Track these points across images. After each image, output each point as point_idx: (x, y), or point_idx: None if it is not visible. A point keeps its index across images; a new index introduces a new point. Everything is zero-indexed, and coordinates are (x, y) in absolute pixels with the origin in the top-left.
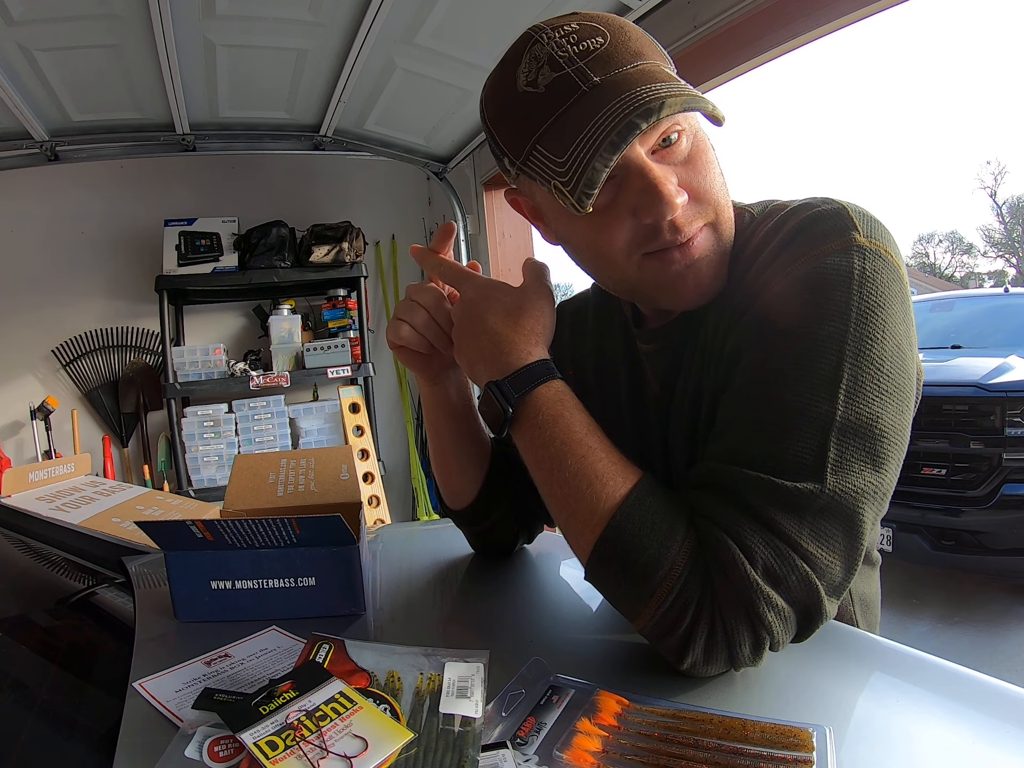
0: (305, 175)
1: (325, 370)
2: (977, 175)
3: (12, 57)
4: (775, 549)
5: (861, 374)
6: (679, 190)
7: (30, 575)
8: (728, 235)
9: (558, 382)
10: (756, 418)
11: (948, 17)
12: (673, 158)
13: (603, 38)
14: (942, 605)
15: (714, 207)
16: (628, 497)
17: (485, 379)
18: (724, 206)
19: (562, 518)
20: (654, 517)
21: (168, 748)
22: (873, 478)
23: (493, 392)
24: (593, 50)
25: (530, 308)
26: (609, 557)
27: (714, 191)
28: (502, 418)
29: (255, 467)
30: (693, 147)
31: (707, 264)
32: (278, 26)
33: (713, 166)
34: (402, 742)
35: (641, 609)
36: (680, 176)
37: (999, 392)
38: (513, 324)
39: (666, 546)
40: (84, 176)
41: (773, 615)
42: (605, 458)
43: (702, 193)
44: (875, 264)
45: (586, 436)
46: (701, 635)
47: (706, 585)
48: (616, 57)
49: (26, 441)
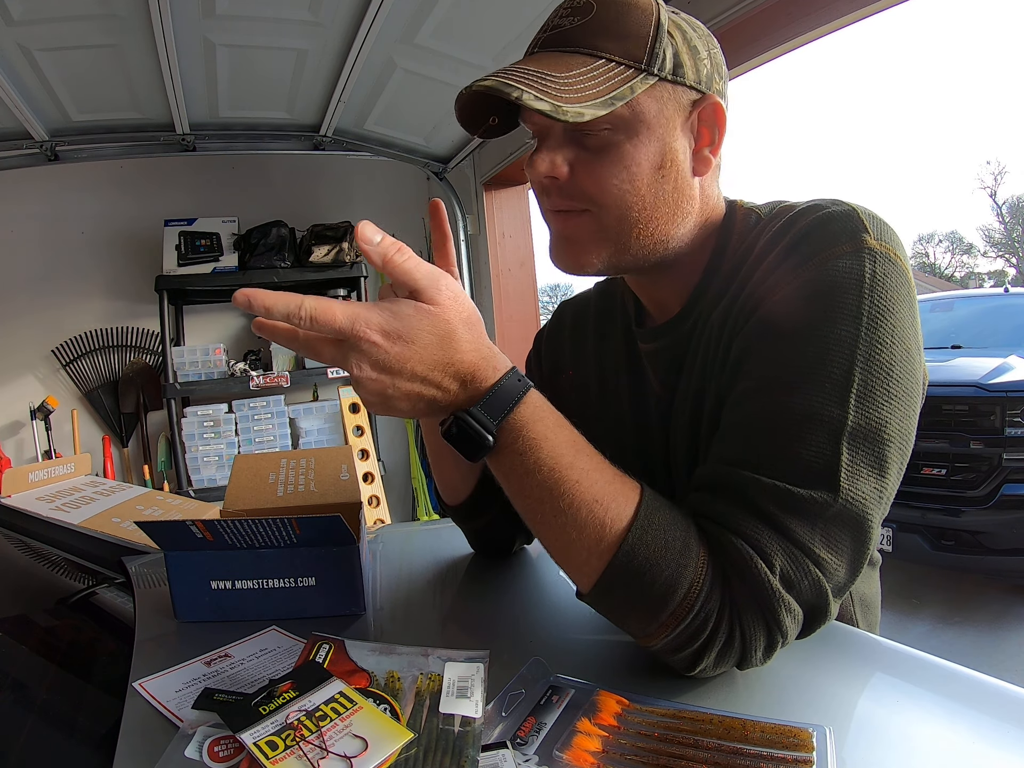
0: (305, 175)
1: (325, 370)
2: (977, 175)
3: (12, 57)
4: (790, 555)
5: (871, 379)
6: (556, 164)
7: (30, 575)
8: (616, 240)
9: (532, 394)
10: (765, 421)
11: (948, 17)
12: (587, 144)
13: (582, 17)
14: (942, 605)
15: (594, 202)
16: (635, 519)
17: (446, 415)
18: (609, 209)
19: (558, 547)
20: (666, 536)
21: (168, 748)
22: (879, 483)
23: (466, 423)
24: (560, 27)
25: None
26: (621, 582)
27: (599, 187)
28: (478, 447)
29: (255, 467)
30: (613, 145)
31: (577, 248)
32: (278, 26)
33: (620, 169)
34: (402, 742)
35: (655, 629)
36: (580, 160)
37: (999, 392)
38: (455, 345)
39: (683, 564)
40: (84, 176)
41: (790, 619)
42: (600, 479)
43: (582, 182)
44: (885, 267)
45: (575, 458)
46: (718, 643)
47: (725, 594)
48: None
49: (26, 441)
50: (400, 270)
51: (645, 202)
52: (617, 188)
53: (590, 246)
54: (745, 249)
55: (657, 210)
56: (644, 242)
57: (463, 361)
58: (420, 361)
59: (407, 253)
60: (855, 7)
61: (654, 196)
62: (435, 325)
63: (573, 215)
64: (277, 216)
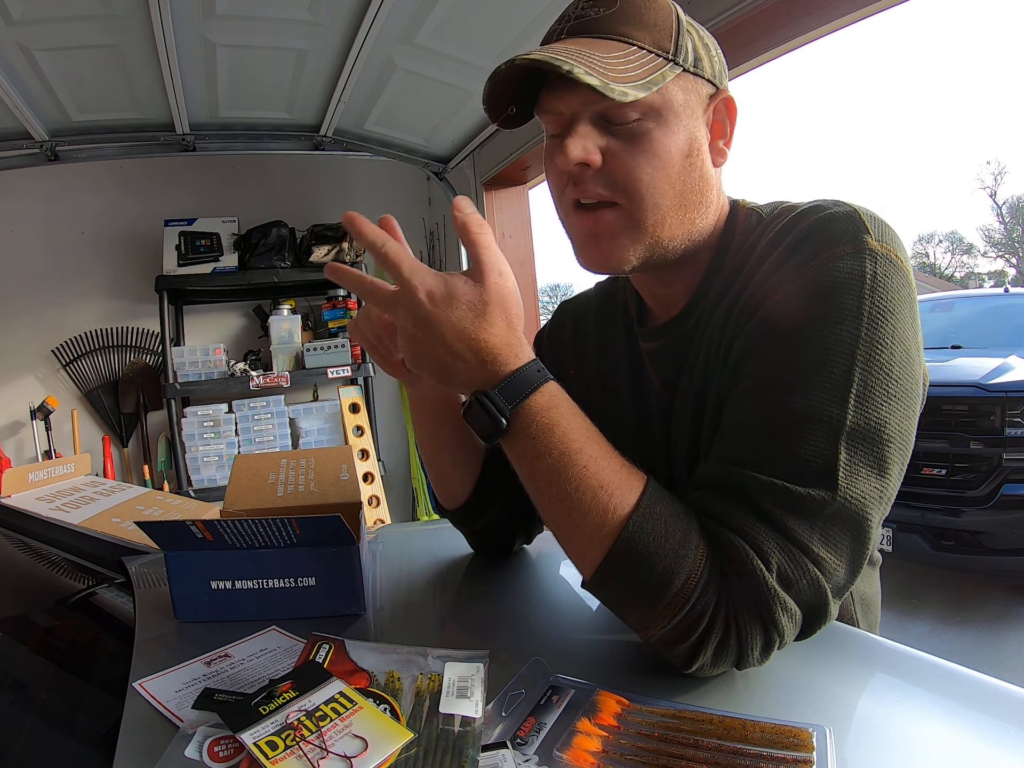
0: (305, 175)
1: (325, 370)
2: (977, 175)
3: (12, 57)
4: (788, 554)
5: (871, 379)
6: (588, 150)
7: (30, 575)
8: (657, 238)
9: (551, 384)
10: (766, 421)
11: (949, 17)
12: (617, 133)
13: (608, 7)
14: (942, 605)
15: (628, 193)
16: (637, 507)
17: (468, 391)
18: (647, 199)
19: (564, 531)
20: (667, 526)
21: (168, 748)
22: (879, 483)
23: (483, 404)
24: (587, 16)
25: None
26: (620, 569)
27: (634, 176)
28: (493, 429)
29: (255, 467)
30: (644, 133)
31: (612, 245)
32: (278, 26)
33: (653, 158)
34: (402, 742)
35: (652, 619)
36: (610, 148)
37: (999, 392)
38: (485, 325)
39: (681, 555)
40: (84, 176)
41: (787, 618)
42: (608, 467)
43: (617, 170)
44: (886, 268)
45: (586, 444)
46: (714, 640)
47: (722, 590)
48: (597, 26)
49: (26, 441)
50: (475, 240)
51: (676, 191)
52: (650, 176)
53: (625, 241)
54: (747, 249)
55: (686, 199)
56: (675, 232)
57: (488, 342)
58: (451, 328)
59: (487, 231)
60: (855, 7)
61: (683, 185)
62: (473, 301)
63: (603, 211)
64: (277, 216)
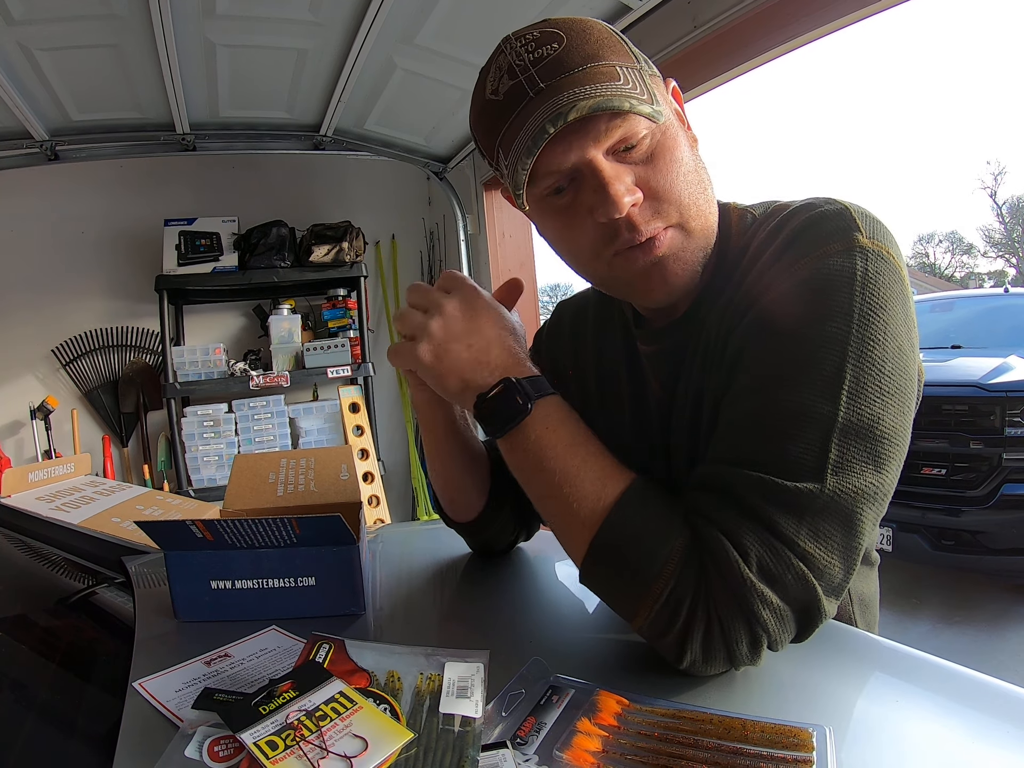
0: (305, 175)
1: (325, 370)
2: (977, 175)
3: (12, 57)
4: (771, 547)
5: (863, 375)
6: (631, 189)
7: (30, 575)
8: (702, 234)
9: (557, 396)
10: (758, 419)
11: (949, 17)
12: (634, 158)
13: (559, 43)
14: (942, 605)
15: (676, 207)
16: (622, 496)
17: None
18: (690, 205)
19: (559, 524)
20: (648, 514)
21: (168, 748)
22: (874, 479)
23: (515, 387)
24: (546, 56)
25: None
26: (604, 556)
27: (675, 191)
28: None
29: (255, 467)
30: (658, 146)
31: (675, 261)
32: (278, 26)
33: (678, 165)
34: (402, 742)
35: (637, 607)
36: (639, 175)
37: (999, 392)
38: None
39: (660, 543)
40: (84, 176)
41: (768, 613)
42: (599, 464)
43: (661, 192)
44: (877, 265)
45: (586, 442)
46: (697, 633)
47: (700, 582)
48: (567, 61)
49: (26, 441)
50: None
51: (702, 185)
52: (684, 182)
53: (695, 255)
54: (741, 249)
55: (707, 188)
56: (713, 224)
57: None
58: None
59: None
60: (855, 7)
61: (699, 176)
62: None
63: (659, 235)
64: (277, 216)
